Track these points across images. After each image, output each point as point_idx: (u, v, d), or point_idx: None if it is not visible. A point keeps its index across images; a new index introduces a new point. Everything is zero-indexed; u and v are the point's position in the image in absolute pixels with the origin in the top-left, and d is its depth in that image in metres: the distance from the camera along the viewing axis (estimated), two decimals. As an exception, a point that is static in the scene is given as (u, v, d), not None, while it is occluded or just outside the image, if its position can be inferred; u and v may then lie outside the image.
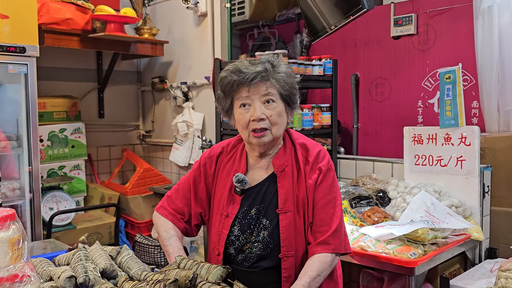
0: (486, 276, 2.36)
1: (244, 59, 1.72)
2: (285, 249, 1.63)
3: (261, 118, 1.63)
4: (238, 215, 1.71)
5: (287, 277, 1.63)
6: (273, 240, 1.65)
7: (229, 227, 1.70)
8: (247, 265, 1.68)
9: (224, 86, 1.68)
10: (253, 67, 1.64)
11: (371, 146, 3.70)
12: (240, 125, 1.69)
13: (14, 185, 3.26)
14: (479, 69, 2.99)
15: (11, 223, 1.31)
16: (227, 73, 1.66)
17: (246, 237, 1.68)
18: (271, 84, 1.65)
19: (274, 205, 1.68)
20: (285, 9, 4.19)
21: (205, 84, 4.31)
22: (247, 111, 1.65)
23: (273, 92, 1.65)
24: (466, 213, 2.63)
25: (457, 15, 3.20)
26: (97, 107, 4.79)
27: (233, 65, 1.68)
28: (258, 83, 1.63)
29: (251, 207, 1.70)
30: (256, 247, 1.67)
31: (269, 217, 1.67)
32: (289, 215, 1.64)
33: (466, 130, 2.68)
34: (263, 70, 1.63)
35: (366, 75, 3.71)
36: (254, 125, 1.64)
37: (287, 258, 1.63)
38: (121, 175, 4.96)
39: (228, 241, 1.70)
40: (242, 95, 1.65)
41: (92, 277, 1.51)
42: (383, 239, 2.31)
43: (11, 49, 3.06)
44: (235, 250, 1.70)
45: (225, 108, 1.74)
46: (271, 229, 1.66)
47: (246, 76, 1.62)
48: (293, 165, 1.71)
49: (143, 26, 4.35)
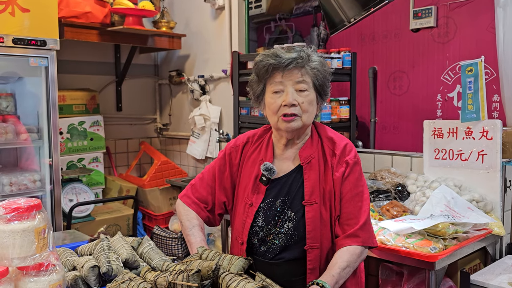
0: (508, 271, 2.33)
1: (279, 47, 1.75)
2: (310, 241, 1.63)
3: (293, 104, 1.64)
4: (263, 206, 1.71)
5: (312, 269, 1.63)
6: (298, 232, 1.65)
7: (253, 216, 1.70)
8: (270, 257, 1.68)
9: (259, 69, 1.69)
10: (289, 53, 1.65)
11: (389, 140, 3.67)
12: (270, 110, 1.69)
13: (35, 176, 3.32)
14: (500, 62, 2.94)
15: (37, 213, 1.33)
16: (263, 57, 1.68)
17: (270, 228, 1.69)
18: (306, 72, 1.66)
19: (300, 197, 1.68)
20: (302, 2, 4.16)
21: (222, 78, 4.31)
22: (279, 96, 1.66)
23: (307, 80, 1.66)
24: (487, 208, 2.60)
25: (477, 8, 3.15)
26: (115, 100, 4.83)
27: (270, 50, 1.69)
28: (293, 69, 1.64)
29: (277, 198, 1.70)
30: (279, 239, 1.67)
31: (295, 209, 1.67)
32: (315, 207, 1.64)
33: (487, 124, 2.64)
34: (298, 57, 1.64)
35: (384, 68, 3.68)
36: (285, 110, 1.65)
37: (312, 250, 1.63)
38: (138, 167, 5.00)
39: (252, 231, 1.70)
40: (276, 80, 1.66)
41: (115, 267, 1.53)
42: (403, 233, 2.29)
43: (32, 42, 3.10)
44: (258, 240, 1.70)
45: (256, 93, 1.74)
46: (296, 221, 1.66)
47: (282, 60, 1.63)
48: (320, 157, 1.72)
49: (160, 19, 4.36)
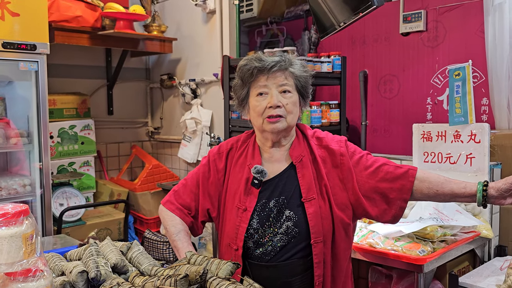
0: (496, 273, 2.35)
1: (260, 53, 1.79)
2: (314, 236, 1.65)
3: (278, 105, 1.67)
4: (256, 208, 1.72)
5: (317, 263, 1.65)
6: (300, 229, 1.66)
7: (248, 220, 1.70)
8: (267, 259, 1.68)
9: (244, 73, 1.72)
10: (271, 57, 1.71)
11: (380, 143, 3.69)
12: (255, 112, 1.72)
13: (25, 181, 3.30)
14: (489, 66, 2.97)
15: (24, 218, 1.33)
16: (247, 61, 1.72)
17: (265, 229, 1.69)
18: (289, 74, 1.71)
19: (297, 195, 1.70)
20: (293, 6, 4.18)
21: (213, 81, 4.32)
22: (263, 99, 1.70)
23: (290, 83, 1.71)
24: (475, 211, 2.62)
25: (467, 12, 3.18)
26: (106, 104, 4.82)
27: (252, 55, 1.74)
28: (276, 72, 1.69)
29: (270, 199, 1.72)
30: (278, 239, 1.67)
31: (293, 208, 1.69)
32: (314, 202, 1.67)
33: (475, 127, 2.66)
34: (281, 60, 1.70)
35: (374, 72, 3.70)
36: (270, 112, 1.68)
37: (317, 244, 1.65)
38: (129, 171, 4.99)
39: (247, 234, 1.70)
40: (260, 83, 1.70)
41: (103, 272, 1.53)
42: (392, 236, 2.31)
43: (22, 46, 3.09)
44: (254, 243, 1.70)
45: (241, 97, 1.77)
46: (296, 219, 1.67)
47: (266, 63, 1.68)
48: (308, 154, 1.75)
49: (152, 23, 4.37)
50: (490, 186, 1.60)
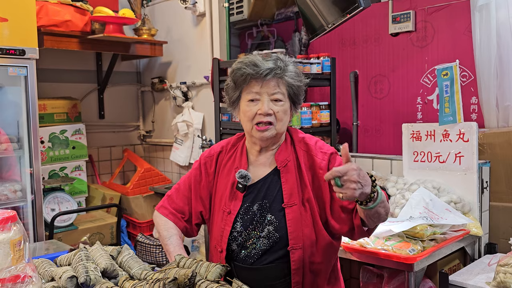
0: (485, 271, 2.37)
1: (256, 54, 1.75)
2: (293, 242, 1.65)
3: (268, 113, 1.66)
4: (240, 211, 1.72)
5: (296, 269, 1.65)
6: (280, 234, 1.66)
7: (232, 223, 1.71)
8: (251, 262, 1.69)
9: (237, 77, 1.70)
10: (266, 62, 1.66)
11: (371, 143, 3.71)
12: (246, 117, 1.70)
13: (16, 186, 3.28)
14: (477, 65, 2.99)
15: (12, 225, 1.33)
16: (242, 65, 1.68)
17: (249, 232, 1.70)
18: (282, 83, 1.68)
19: (279, 200, 1.69)
20: (283, 8, 4.19)
21: (204, 84, 4.32)
22: (255, 104, 1.68)
23: (282, 91, 1.68)
24: (465, 209, 2.64)
25: (455, 12, 3.21)
26: (97, 108, 4.81)
27: (247, 58, 1.70)
28: (270, 79, 1.66)
29: (253, 203, 1.72)
30: (260, 243, 1.68)
31: (274, 212, 1.69)
32: (295, 208, 1.66)
33: (464, 126, 2.69)
34: (276, 67, 1.66)
35: (365, 72, 3.72)
36: (260, 118, 1.67)
37: (295, 250, 1.65)
38: (122, 175, 4.98)
39: (231, 237, 1.72)
40: (253, 90, 1.67)
41: (93, 277, 1.53)
42: (382, 236, 2.32)
43: (10, 51, 3.08)
44: (238, 246, 1.71)
45: (232, 99, 1.76)
46: (277, 224, 1.67)
47: (261, 71, 1.64)
48: (294, 160, 1.74)
49: (141, 26, 4.36)
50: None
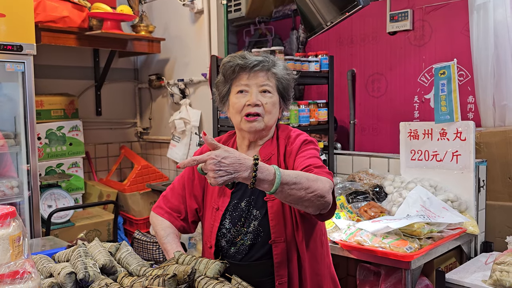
0: (482, 269, 2.39)
1: (248, 52, 1.79)
2: (275, 235, 1.66)
3: (257, 103, 1.68)
4: (229, 208, 1.74)
5: (279, 263, 1.66)
6: (263, 228, 1.68)
7: (220, 219, 1.73)
8: (240, 258, 1.71)
9: (226, 70, 1.73)
10: (255, 56, 1.71)
11: (368, 141, 3.72)
12: (234, 109, 1.72)
13: (13, 183, 3.27)
14: (475, 64, 3.01)
15: (11, 220, 1.32)
16: (231, 58, 1.73)
17: (238, 229, 1.71)
18: (271, 75, 1.72)
19: (263, 194, 1.70)
20: (281, 5, 4.19)
21: (202, 81, 4.31)
22: (243, 96, 1.70)
23: (271, 84, 1.71)
24: (461, 208, 2.65)
25: (452, 11, 3.22)
26: (95, 105, 4.79)
27: (237, 53, 1.75)
28: (258, 72, 1.70)
29: (242, 199, 1.74)
30: (248, 238, 1.70)
31: (259, 207, 1.70)
32: (277, 201, 1.67)
33: (461, 125, 2.70)
34: (264, 60, 1.70)
35: (362, 71, 3.73)
36: (248, 110, 1.69)
37: (278, 244, 1.66)
38: (119, 172, 4.98)
39: (220, 233, 1.74)
40: (242, 82, 1.71)
41: (91, 273, 1.53)
42: (380, 234, 2.33)
43: (8, 47, 3.06)
44: (227, 242, 1.73)
45: (222, 94, 1.78)
46: (260, 218, 1.69)
47: (249, 61, 1.68)
48: (279, 155, 1.75)
49: (139, 23, 4.35)
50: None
